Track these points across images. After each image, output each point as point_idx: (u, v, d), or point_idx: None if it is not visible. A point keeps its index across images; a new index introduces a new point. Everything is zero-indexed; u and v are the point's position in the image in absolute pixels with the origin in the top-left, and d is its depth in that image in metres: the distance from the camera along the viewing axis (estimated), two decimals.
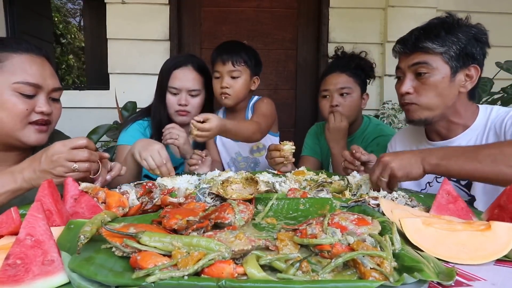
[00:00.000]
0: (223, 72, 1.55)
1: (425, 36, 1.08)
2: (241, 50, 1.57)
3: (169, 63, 1.56)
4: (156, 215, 0.71)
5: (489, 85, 1.97)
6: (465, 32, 1.07)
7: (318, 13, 2.55)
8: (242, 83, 1.57)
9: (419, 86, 1.11)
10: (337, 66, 1.60)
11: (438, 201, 0.76)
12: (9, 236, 0.61)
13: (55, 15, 6.67)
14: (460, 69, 1.08)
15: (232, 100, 1.58)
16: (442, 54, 1.06)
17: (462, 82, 1.09)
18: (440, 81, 1.08)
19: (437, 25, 1.09)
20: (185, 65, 1.53)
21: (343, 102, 1.55)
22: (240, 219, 0.65)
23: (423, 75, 1.09)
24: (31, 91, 0.99)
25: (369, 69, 1.62)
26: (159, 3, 2.42)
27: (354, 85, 1.57)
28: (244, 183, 0.86)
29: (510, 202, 0.67)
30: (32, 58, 1.01)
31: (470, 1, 2.50)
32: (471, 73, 1.08)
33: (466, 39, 1.06)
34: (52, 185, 0.68)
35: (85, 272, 0.46)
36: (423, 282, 0.46)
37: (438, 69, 1.07)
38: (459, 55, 1.06)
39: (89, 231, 0.54)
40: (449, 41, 1.06)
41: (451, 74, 1.07)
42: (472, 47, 1.06)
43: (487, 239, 0.57)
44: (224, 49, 1.58)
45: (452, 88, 1.09)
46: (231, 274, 0.46)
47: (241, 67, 1.55)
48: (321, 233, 0.55)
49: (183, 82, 1.51)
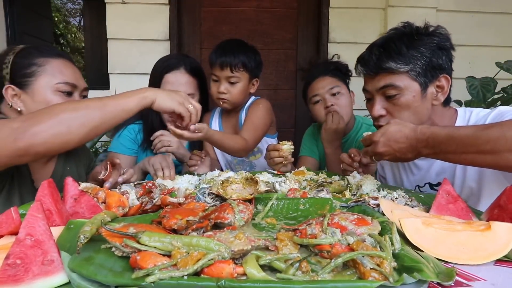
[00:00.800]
0: (221, 77, 1.52)
1: (387, 56, 1.03)
2: (240, 53, 1.51)
3: (160, 65, 1.49)
4: (156, 215, 0.71)
5: (493, 84, 1.97)
6: (427, 44, 1.02)
7: (318, 13, 2.56)
8: (240, 88, 1.53)
9: (391, 108, 1.07)
10: (317, 72, 1.61)
11: (438, 201, 0.76)
12: (9, 236, 0.61)
13: (55, 15, 6.67)
14: (430, 83, 1.03)
15: (229, 104, 1.56)
16: (408, 72, 1.02)
17: (434, 95, 1.05)
18: (412, 100, 1.03)
19: (396, 40, 1.04)
20: (177, 68, 1.46)
21: (337, 101, 1.55)
22: (240, 219, 0.65)
23: (393, 96, 1.04)
24: (70, 89, 1.09)
25: (345, 69, 1.65)
26: (159, 3, 2.42)
27: (341, 83, 1.59)
28: (244, 183, 0.86)
29: (510, 202, 0.67)
30: (65, 62, 1.11)
31: (470, 1, 2.50)
32: (441, 83, 1.05)
33: (429, 51, 1.01)
34: (52, 185, 0.69)
35: (85, 272, 0.46)
36: (423, 282, 0.46)
37: (407, 88, 1.02)
38: (425, 69, 1.02)
39: (89, 231, 0.54)
40: (413, 57, 1.01)
41: (422, 90, 1.03)
42: (438, 57, 1.02)
43: (487, 239, 0.57)
44: (222, 52, 1.51)
45: (425, 103, 1.05)
46: (231, 274, 0.46)
47: (240, 72, 1.50)
48: (320, 233, 0.55)
49: (175, 87, 1.43)
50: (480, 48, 2.48)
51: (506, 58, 2.04)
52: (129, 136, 1.52)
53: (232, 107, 1.60)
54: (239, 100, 1.57)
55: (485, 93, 1.95)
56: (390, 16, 2.45)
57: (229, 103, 1.55)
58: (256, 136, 1.53)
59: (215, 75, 1.54)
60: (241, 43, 1.58)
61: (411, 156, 0.92)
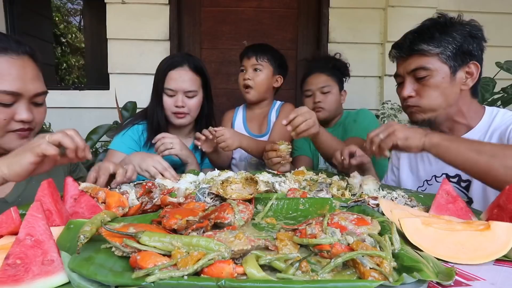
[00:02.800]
0: (247, 66, 1.71)
1: (420, 39, 1.09)
2: (267, 49, 1.73)
3: (165, 63, 1.52)
4: (156, 215, 0.71)
5: (492, 85, 1.97)
6: (460, 30, 1.07)
7: (318, 13, 2.55)
8: (263, 77, 1.70)
9: (421, 89, 1.11)
10: (316, 67, 1.78)
11: (437, 201, 0.76)
12: (9, 236, 0.61)
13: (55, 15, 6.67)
14: (459, 67, 1.08)
15: (253, 94, 1.71)
16: (439, 54, 1.07)
17: (463, 80, 1.09)
18: (441, 82, 1.08)
19: (430, 27, 1.10)
20: (181, 65, 1.49)
21: (325, 99, 1.73)
22: (239, 219, 0.65)
23: (423, 78, 1.09)
24: (9, 99, 0.89)
25: (344, 68, 1.81)
26: (159, 3, 2.42)
27: (333, 83, 1.75)
28: (244, 183, 0.87)
29: (510, 202, 0.67)
30: (11, 61, 0.90)
31: (470, 1, 2.50)
32: (471, 70, 1.09)
33: (461, 37, 1.06)
34: (52, 185, 0.69)
35: (85, 272, 0.46)
36: (423, 282, 0.46)
37: (437, 70, 1.07)
38: (456, 54, 1.06)
39: (89, 231, 0.54)
40: (445, 41, 1.06)
41: (451, 74, 1.08)
42: (469, 44, 1.07)
43: (486, 239, 0.57)
44: (252, 47, 1.76)
45: (454, 87, 1.09)
46: (231, 274, 0.46)
47: (264, 62, 1.70)
48: (320, 233, 0.55)
49: (179, 83, 1.47)
50: None
51: (506, 58, 2.04)
52: (132, 136, 1.52)
53: (255, 98, 1.74)
54: (261, 89, 1.72)
55: (483, 93, 1.95)
56: (390, 16, 2.45)
57: (252, 93, 1.71)
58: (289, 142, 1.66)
59: (243, 65, 1.73)
60: (269, 45, 1.80)
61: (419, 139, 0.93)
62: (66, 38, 7.51)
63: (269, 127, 1.76)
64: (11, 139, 0.96)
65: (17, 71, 0.90)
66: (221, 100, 2.65)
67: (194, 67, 1.51)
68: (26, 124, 0.96)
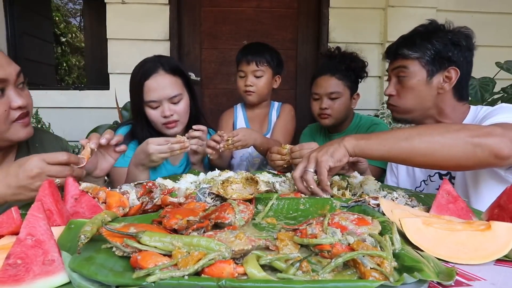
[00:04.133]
0: (247, 72, 1.68)
1: (403, 44, 1.19)
2: (264, 51, 1.69)
3: (136, 74, 1.35)
4: (156, 215, 0.71)
5: (491, 85, 1.97)
6: (441, 38, 1.14)
7: (318, 13, 2.56)
8: (264, 81, 1.69)
9: (400, 89, 1.20)
10: (328, 68, 1.65)
11: (438, 201, 0.76)
12: (10, 236, 0.61)
13: (55, 15, 6.67)
14: (437, 72, 1.15)
15: (255, 97, 1.71)
16: (418, 59, 1.15)
17: (441, 84, 1.15)
18: (416, 84, 1.16)
19: (415, 33, 1.19)
20: (155, 71, 1.33)
21: (332, 105, 1.63)
22: (240, 219, 0.65)
23: (402, 78, 1.18)
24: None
25: (359, 69, 1.67)
26: (159, 3, 2.43)
27: (343, 88, 1.63)
28: (244, 183, 0.87)
29: (510, 202, 0.67)
30: None
31: (470, 1, 2.50)
32: (450, 74, 1.14)
33: (441, 44, 1.13)
34: (53, 185, 0.68)
35: (85, 272, 0.46)
36: (423, 282, 0.46)
37: (415, 72, 1.16)
38: (434, 59, 1.14)
39: (90, 231, 0.54)
40: (424, 47, 1.14)
41: (428, 77, 1.15)
42: (448, 51, 1.13)
43: (487, 239, 0.57)
44: (248, 50, 1.70)
45: (430, 90, 1.16)
46: (231, 274, 0.46)
47: (264, 67, 1.67)
48: (321, 233, 0.55)
49: (159, 92, 1.31)
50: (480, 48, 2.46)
51: (506, 58, 2.04)
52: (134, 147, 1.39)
53: (257, 100, 1.74)
54: (263, 93, 1.72)
55: (483, 93, 1.95)
56: (390, 16, 2.45)
57: (254, 96, 1.70)
58: (289, 140, 1.73)
59: (242, 70, 1.70)
60: (265, 44, 1.77)
61: (336, 142, 0.91)
62: (66, 38, 7.51)
63: (269, 127, 1.78)
64: (17, 130, 1.00)
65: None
66: (221, 100, 2.65)
67: (170, 68, 1.36)
68: (23, 109, 0.99)
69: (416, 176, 1.29)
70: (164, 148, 1.13)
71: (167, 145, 1.13)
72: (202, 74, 2.61)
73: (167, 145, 1.13)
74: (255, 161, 1.74)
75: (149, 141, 1.15)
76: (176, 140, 1.14)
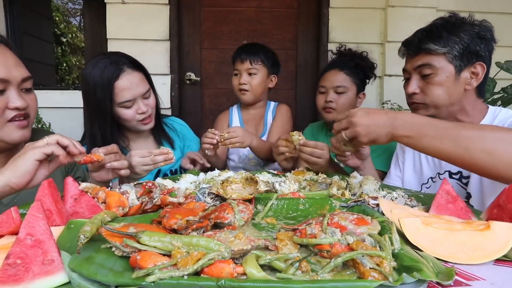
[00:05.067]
0: (241, 70, 1.68)
1: (428, 38, 1.11)
2: (259, 51, 1.69)
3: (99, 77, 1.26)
4: (156, 215, 0.71)
5: (492, 85, 1.97)
6: (468, 31, 1.08)
7: (318, 13, 2.55)
8: (259, 80, 1.69)
9: (425, 86, 1.13)
10: (337, 64, 1.65)
11: (437, 201, 0.76)
12: (9, 235, 0.61)
13: (55, 15, 6.67)
14: (465, 67, 1.09)
15: (249, 96, 1.71)
16: (445, 54, 1.09)
17: (468, 80, 1.10)
18: (445, 80, 1.10)
19: (439, 26, 1.11)
20: (123, 70, 1.29)
21: (337, 99, 1.61)
22: (239, 219, 0.65)
23: (428, 75, 1.11)
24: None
25: (368, 69, 1.66)
26: (159, 3, 2.42)
27: (350, 84, 1.61)
28: (244, 183, 0.87)
29: (510, 201, 0.67)
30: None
31: (471, 1, 2.50)
32: (476, 70, 1.10)
33: (468, 38, 1.08)
34: (52, 185, 0.69)
35: (85, 271, 0.46)
36: (422, 281, 0.46)
37: (442, 68, 1.09)
38: (462, 54, 1.08)
39: (89, 230, 0.54)
40: (452, 41, 1.08)
41: (456, 73, 1.09)
42: (476, 45, 1.08)
43: (486, 239, 0.57)
44: (243, 49, 1.72)
45: (458, 86, 1.10)
46: (231, 274, 0.46)
47: (258, 65, 1.68)
48: (320, 233, 0.55)
49: (133, 91, 1.29)
50: None
51: (506, 58, 2.04)
52: None
53: (251, 100, 1.73)
54: (258, 92, 1.71)
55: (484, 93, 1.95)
56: (390, 16, 2.45)
57: (248, 95, 1.70)
58: None
59: (236, 69, 1.71)
60: (260, 44, 1.78)
61: (385, 133, 0.89)
62: (66, 38, 7.51)
63: (265, 128, 1.77)
64: (11, 130, 0.98)
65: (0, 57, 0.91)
66: (221, 100, 2.65)
67: (134, 65, 1.34)
68: (21, 111, 0.97)
69: (424, 173, 1.26)
70: (147, 160, 1.10)
71: (150, 157, 1.10)
72: (202, 74, 2.61)
73: (149, 157, 1.10)
74: (251, 163, 1.74)
75: (132, 153, 1.13)
76: (159, 151, 1.11)
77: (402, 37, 1.23)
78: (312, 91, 2.63)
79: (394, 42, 2.39)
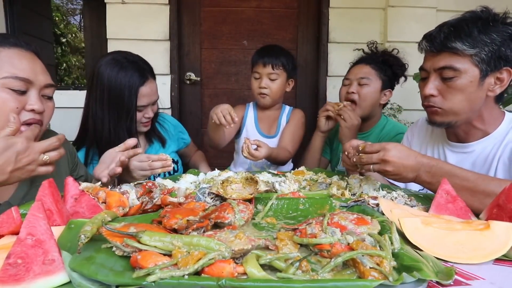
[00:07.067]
0: (262, 74, 1.68)
1: (455, 35, 0.98)
2: (280, 54, 1.69)
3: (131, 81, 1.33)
4: (156, 214, 0.72)
5: None
6: (500, 32, 0.97)
7: (318, 13, 2.55)
8: (279, 85, 1.70)
9: (445, 89, 1.02)
10: (365, 58, 1.65)
11: (437, 201, 0.76)
12: (10, 235, 0.61)
13: (55, 15, 6.67)
14: (491, 72, 0.98)
15: (268, 100, 1.72)
16: (472, 56, 0.97)
17: (491, 86, 1.00)
18: (467, 85, 0.99)
19: (469, 23, 0.98)
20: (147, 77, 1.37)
21: (360, 91, 1.58)
22: (240, 218, 0.65)
23: (449, 79, 1.00)
24: (22, 86, 0.92)
25: (397, 67, 1.62)
26: (159, 3, 2.42)
27: (375, 77, 1.58)
28: (244, 183, 0.87)
29: (509, 201, 0.67)
30: (21, 53, 0.94)
31: (470, 1, 2.50)
32: (502, 76, 0.99)
33: (500, 40, 0.96)
34: (53, 185, 0.69)
35: (85, 271, 0.46)
36: (422, 281, 0.46)
37: (466, 72, 0.98)
38: (491, 57, 0.96)
39: (90, 230, 0.54)
40: (482, 42, 0.96)
41: (480, 78, 0.98)
42: (507, 48, 0.96)
43: (486, 239, 0.58)
44: (265, 52, 1.70)
45: (480, 92, 1.00)
46: (231, 274, 0.46)
47: (279, 70, 1.68)
48: (320, 232, 0.55)
49: (151, 97, 1.39)
50: None
51: None
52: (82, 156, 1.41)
53: (270, 104, 1.75)
54: (277, 95, 1.72)
55: None
56: (390, 16, 2.44)
57: (268, 99, 1.71)
58: (297, 147, 1.76)
59: (257, 72, 1.70)
60: (281, 47, 1.76)
61: (411, 177, 0.90)
62: (66, 38, 7.51)
63: (278, 130, 1.79)
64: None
65: (27, 62, 0.94)
66: (221, 100, 2.65)
67: (152, 74, 1.42)
68: (36, 115, 0.97)
69: None
70: (145, 165, 1.10)
71: (147, 162, 1.11)
72: (202, 74, 2.61)
73: (147, 162, 1.11)
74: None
75: None
76: (157, 157, 1.11)
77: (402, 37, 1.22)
78: (312, 91, 2.63)
79: (394, 42, 2.39)
